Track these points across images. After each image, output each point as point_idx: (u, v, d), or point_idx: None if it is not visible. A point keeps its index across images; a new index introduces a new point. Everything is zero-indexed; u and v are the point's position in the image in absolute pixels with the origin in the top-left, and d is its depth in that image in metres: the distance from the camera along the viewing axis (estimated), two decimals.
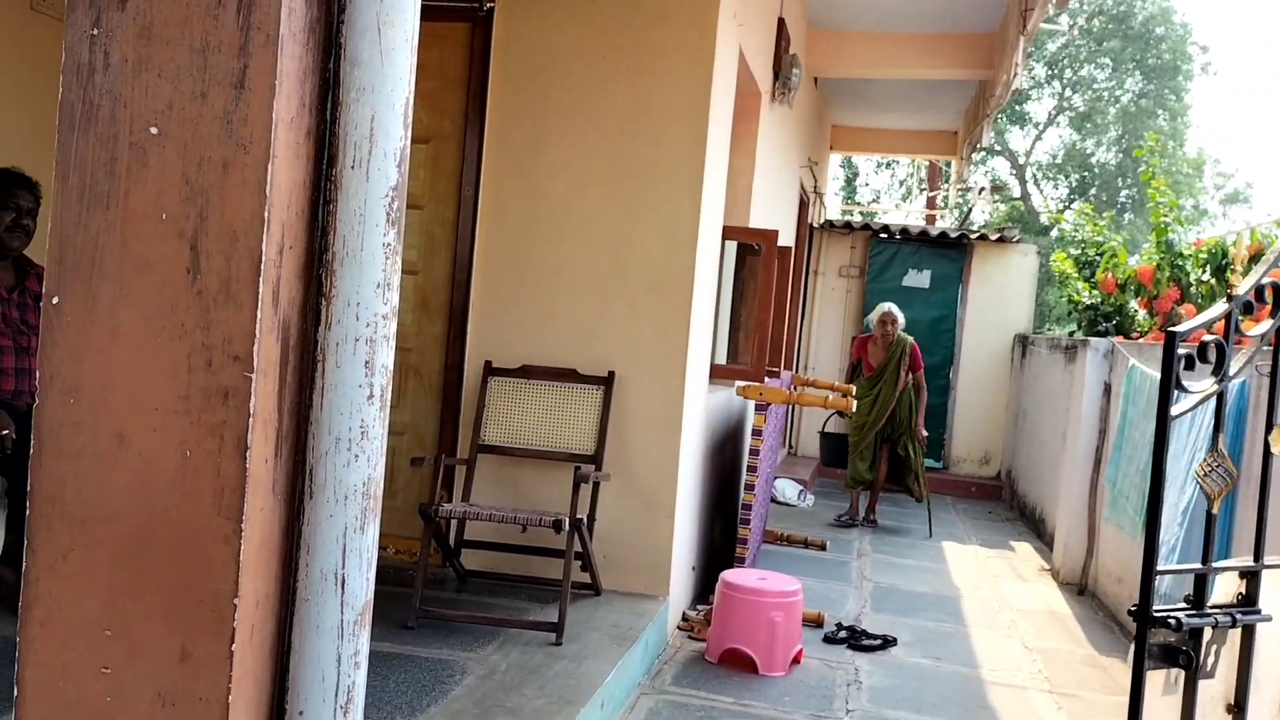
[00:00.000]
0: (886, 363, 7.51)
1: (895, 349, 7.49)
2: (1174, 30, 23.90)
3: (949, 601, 5.71)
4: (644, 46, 4.46)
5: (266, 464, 1.46)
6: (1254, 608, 2.35)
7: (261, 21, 1.41)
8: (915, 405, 7.57)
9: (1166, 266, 6.51)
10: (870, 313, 7.67)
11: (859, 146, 11.87)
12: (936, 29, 7.83)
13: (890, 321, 7.51)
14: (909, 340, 7.58)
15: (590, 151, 4.49)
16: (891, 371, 7.49)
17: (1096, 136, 25.68)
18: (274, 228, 1.43)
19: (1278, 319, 2.33)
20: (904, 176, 25.37)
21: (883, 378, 7.52)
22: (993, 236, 9.65)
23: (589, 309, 4.51)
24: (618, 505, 4.46)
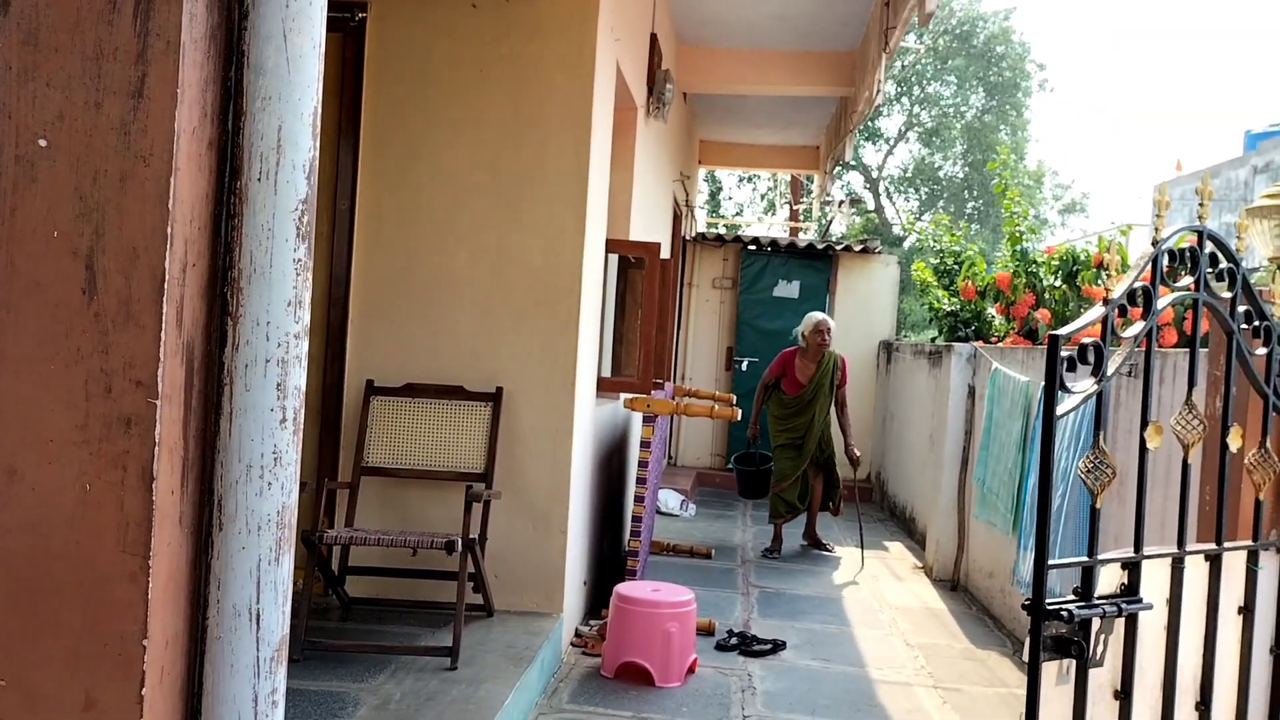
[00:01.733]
0: (819, 379, 6.89)
1: (827, 363, 6.92)
2: (1013, 49, 25.23)
3: (832, 603, 5.84)
4: (523, 58, 4.43)
5: (173, 495, 1.38)
6: (1136, 597, 2.47)
7: (161, 27, 1.33)
8: (843, 425, 7.05)
9: (1022, 274, 6.84)
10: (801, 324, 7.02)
11: (726, 161, 12.09)
12: (801, 47, 8.04)
13: (826, 331, 6.87)
14: (839, 356, 7.04)
15: (471, 163, 4.44)
16: (826, 389, 6.90)
17: (944, 151, 26.87)
18: (177, 244, 1.35)
19: (1148, 320, 2.47)
20: (764, 190, 26.01)
21: (815, 397, 6.89)
22: (856, 248, 9.96)
23: (475, 324, 4.44)
24: (509, 523, 4.40)
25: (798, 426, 6.91)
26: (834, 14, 7.26)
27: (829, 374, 6.90)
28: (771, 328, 9.80)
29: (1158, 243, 2.51)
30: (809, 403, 6.89)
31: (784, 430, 6.99)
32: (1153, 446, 2.50)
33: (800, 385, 6.91)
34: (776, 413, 7.02)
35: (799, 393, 6.90)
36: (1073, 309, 6.59)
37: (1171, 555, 2.57)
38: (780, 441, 7.01)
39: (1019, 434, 5.33)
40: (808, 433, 6.90)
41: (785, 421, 6.97)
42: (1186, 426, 2.58)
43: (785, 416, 6.97)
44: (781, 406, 7.00)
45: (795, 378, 6.93)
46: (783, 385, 7.00)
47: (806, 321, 6.92)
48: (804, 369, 6.92)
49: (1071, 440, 4.51)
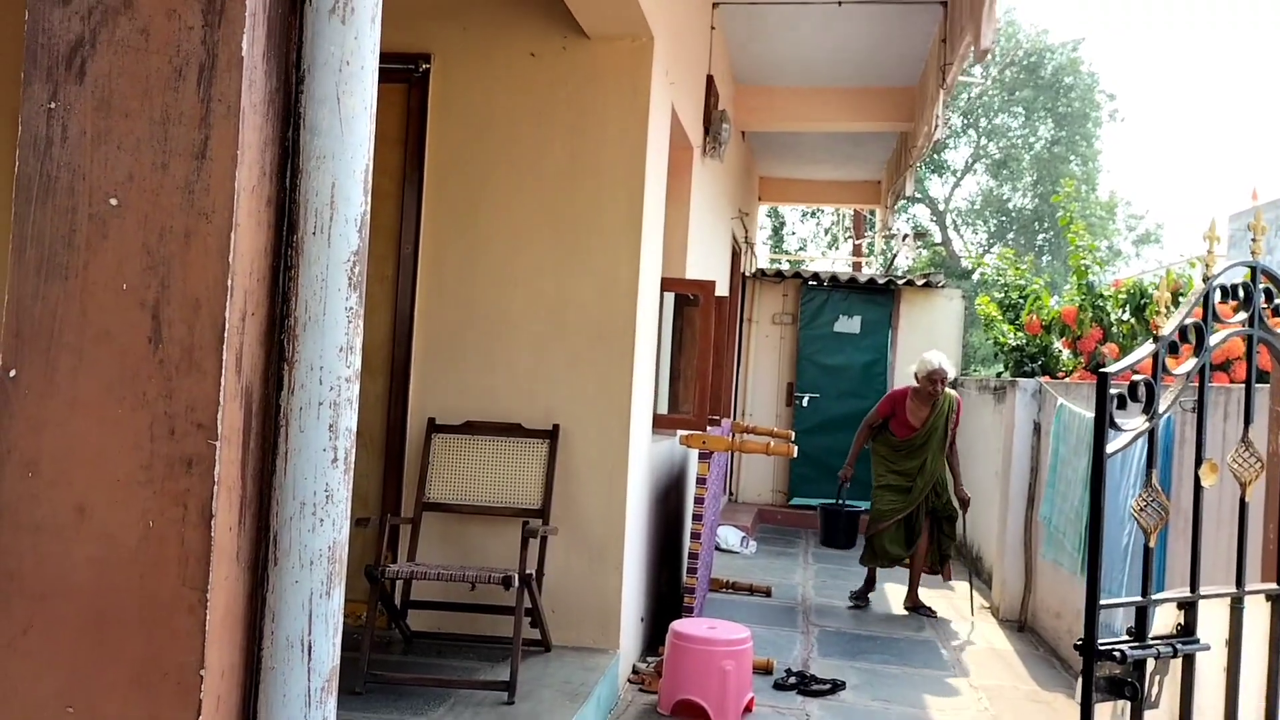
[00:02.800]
0: (933, 422, 6.40)
1: (942, 405, 6.43)
2: (1082, 79, 24.93)
3: (894, 643, 5.77)
4: (580, 105, 4.54)
5: (231, 531, 1.46)
6: (1193, 637, 2.43)
7: (223, 93, 1.43)
8: (952, 465, 6.54)
9: (1089, 307, 6.75)
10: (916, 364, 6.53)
11: (786, 197, 12.13)
12: (859, 84, 8.09)
13: (940, 380, 6.32)
14: (955, 395, 6.55)
15: (529, 208, 4.55)
16: (939, 434, 6.39)
17: (1012, 183, 26.55)
18: (236, 294, 1.44)
19: (1200, 358, 2.45)
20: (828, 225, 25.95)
21: (928, 440, 6.39)
22: (919, 282, 9.90)
23: (532, 363, 4.53)
24: (565, 559, 4.45)
25: (908, 470, 6.43)
26: (891, 51, 7.30)
27: (944, 416, 6.42)
28: (832, 363, 9.77)
29: (1209, 279, 2.50)
30: (920, 446, 6.41)
31: (891, 471, 6.52)
32: (1208, 484, 2.47)
33: (912, 428, 6.45)
34: (884, 454, 6.57)
35: (910, 435, 6.44)
36: (1140, 343, 6.47)
37: (1230, 595, 2.53)
38: (885, 482, 6.53)
39: (1085, 471, 5.24)
40: (919, 477, 6.41)
41: (893, 464, 6.51)
42: (1243, 464, 2.55)
43: (894, 459, 6.51)
44: (890, 449, 6.54)
45: (906, 419, 6.46)
46: (891, 427, 6.55)
47: (921, 364, 6.44)
48: (916, 411, 6.46)
49: (1138, 477, 4.43)
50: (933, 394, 6.34)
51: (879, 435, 6.59)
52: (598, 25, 4.43)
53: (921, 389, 6.38)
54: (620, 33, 4.49)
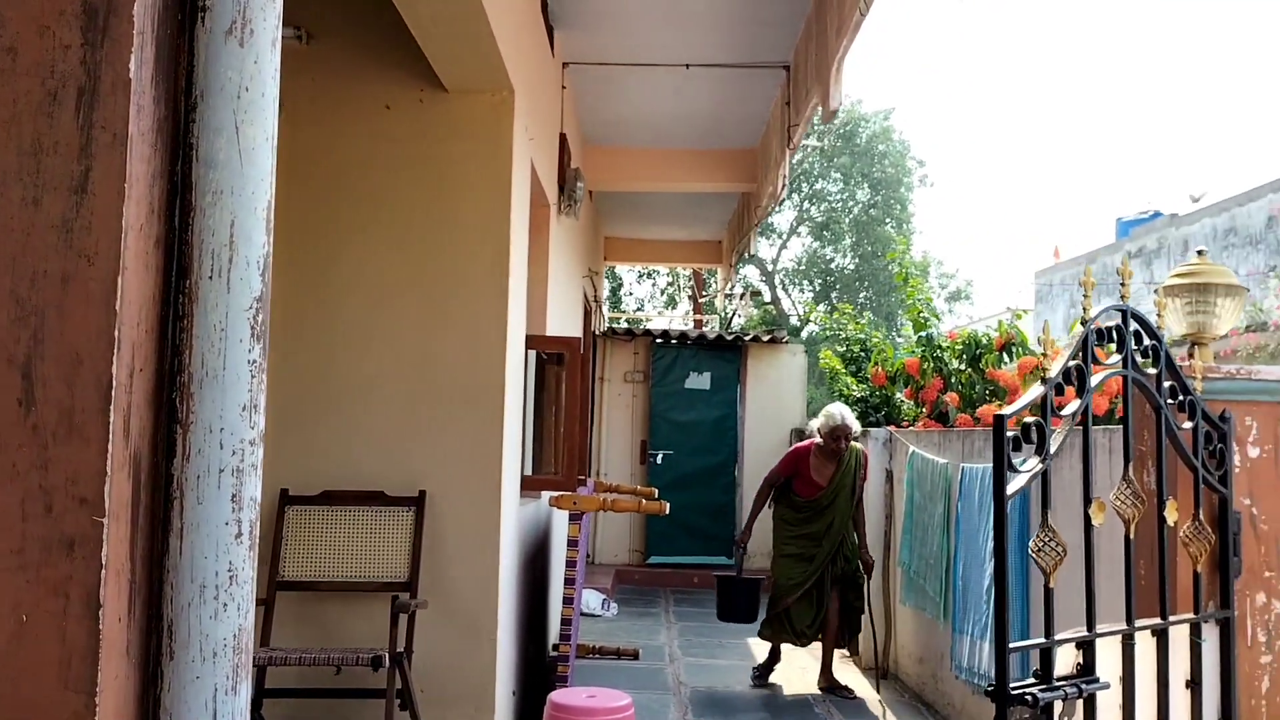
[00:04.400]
0: (839, 480, 5.94)
1: (849, 461, 5.98)
2: (894, 146, 26.41)
3: (767, 699, 5.73)
4: (440, 159, 4.42)
5: (120, 623, 1.25)
6: (1093, 676, 2.47)
7: (107, 120, 1.26)
8: (857, 525, 6.06)
9: (929, 359, 7.01)
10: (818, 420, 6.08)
11: (631, 256, 12.24)
12: (703, 145, 8.26)
13: (844, 436, 5.90)
14: (860, 449, 6.12)
15: (390, 264, 4.37)
16: (846, 493, 5.93)
17: (834, 244, 27.74)
18: (124, 348, 1.26)
19: (1083, 399, 2.52)
20: (664, 285, 26.40)
21: (835, 500, 5.92)
22: (765, 338, 10.11)
23: (395, 426, 4.31)
24: (435, 634, 4.20)
25: (814, 534, 5.93)
26: (734, 113, 7.49)
27: (851, 473, 5.96)
28: (684, 419, 9.82)
29: (1086, 322, 2.58)
30: (827, 507, 5.93)
31: (794, 538, 6.01)
32: (1098, 523, 2.53)
33: (818, 487, 5.96)
34: (787, 518, 6.09)
35: (816, 495, 5.96)
36: (978, 391, 6.76)
37: (1122, 632, 2.59)
38: (788, 551, 6.02)
39: (941, 516, 5.38)
40: (824, 540, 5.92)
41: (797, 528, 6.01)
42: (1125, 502, 2.62)
43: (798, 522, 6.01)
44: (793, 511, 6.06)
45: (811, 478, 5.99)
46: (795, 486, 6.06)
47: (825, 419, 5.97)
48: (821, 468, 5.99)
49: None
50: (838, 451, 5.93)
51: (781, 497, 6.15)
52: (458, 79, 4.33)
53: (825, 446, 5.96)
54: (481, 87, 4.40)
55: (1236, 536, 2.84)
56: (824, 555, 5.90)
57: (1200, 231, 13.51)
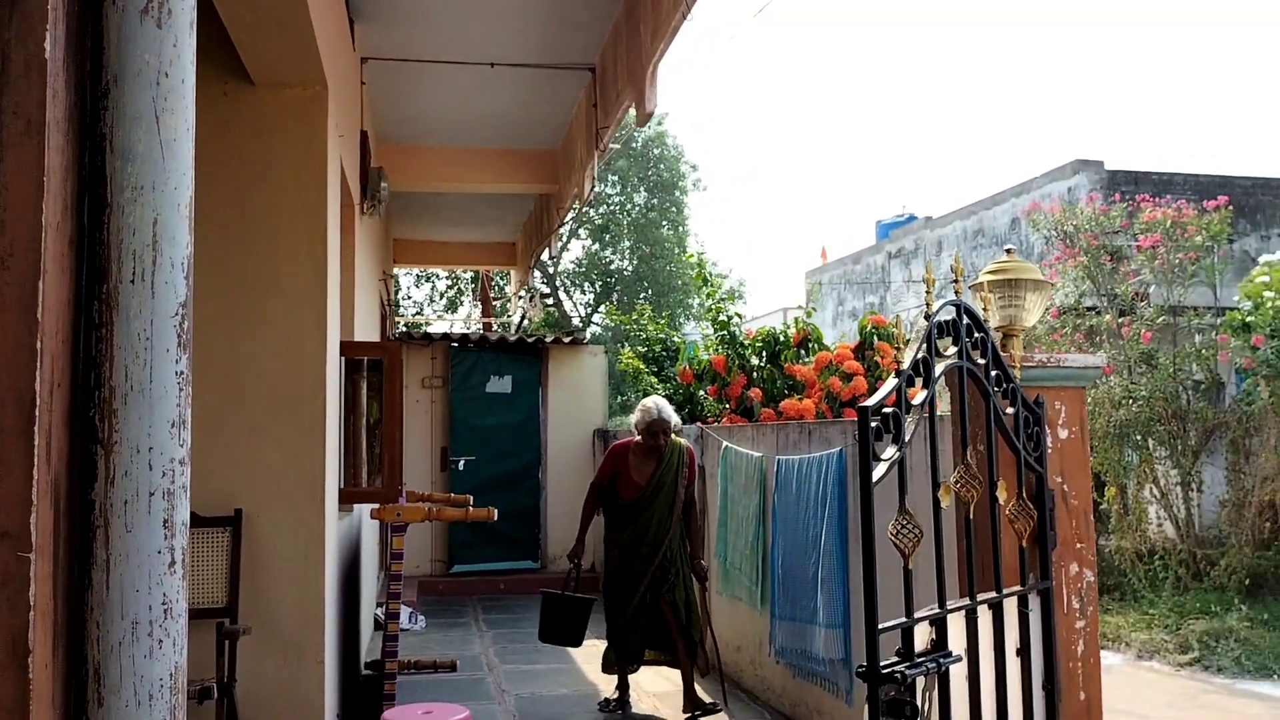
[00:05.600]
0: (659, 478, 5.37)
1: (670, 458, 5.41)
2: (669, 151, 27.12)
3: (591, 699, 5.74)
4: (248, 155, 4.16)
5: (47, 669, 1.11)
6: (946, 650, 2.63)
7: (20, 104, 1.11)
8: (690, 532, 5.45)
9: (734, 356, 7.25)
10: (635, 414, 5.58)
11: (421, 259, 11.97)
12: (502, 145, 8.18)
13: (662, 431, 5.36)
14: (684, 445, 5.55)
15: (195, 264, 4.06)
16: (667, 490, 5.36)
17: (613, 246, 28.19)
18: (45, 361, 1.12)
19: (929, 389, 2.68)
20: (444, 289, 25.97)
21: (655, 500, 5.34)
22: (565, 340, 10.14)
23: (205, 440, 3.99)
24: (258, 660, 3.95)
25: (634, 539, 5.35)
26: (537, 114, 7.47)
27: (673, 471, 5.40)
28: (486, 424, 9.69)
29: (929, 316, 2.76)
30: (647, 507, 5.35)
31: (618, 545, 5.43)
32: (945, 504, 2.70)
33: (638, 487, 5.40)
34: (612, 522, 5.53)
35: (636, 496, 5.39)
36: (780, 386, 7.06)
37: (966, 607, 2.78)
38: (612, 563, 5.45)
39: (756, 508, 5.58)
40: (640, 544, 5.31)
41: (618, 534, 5.44)
42: (965, 484, 2.82)
43: (620, 526, 5.44)
44: (617, 515, 5.48)
45: (631, 478, 5.44)
46: (617, 488, 5.49)
47: (641, 413, 5.47)
48: (641, 467, 5.44)
49: (816, 508, 4.79)
50: (657, 447, 5.39)
51: (605, 501, 5.57)
52: (268, 72, 4.09)
53: (644, 442, 5.41)
54: (291, 80, 4.18)
55: (1052, 512, 3.11)
56: (644, 562, 5.29)
57: (952, 233, 14.66)
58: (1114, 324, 8.70)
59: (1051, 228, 9.86)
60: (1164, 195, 9.83)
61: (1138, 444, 8.41)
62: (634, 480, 5.45)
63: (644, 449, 5.46)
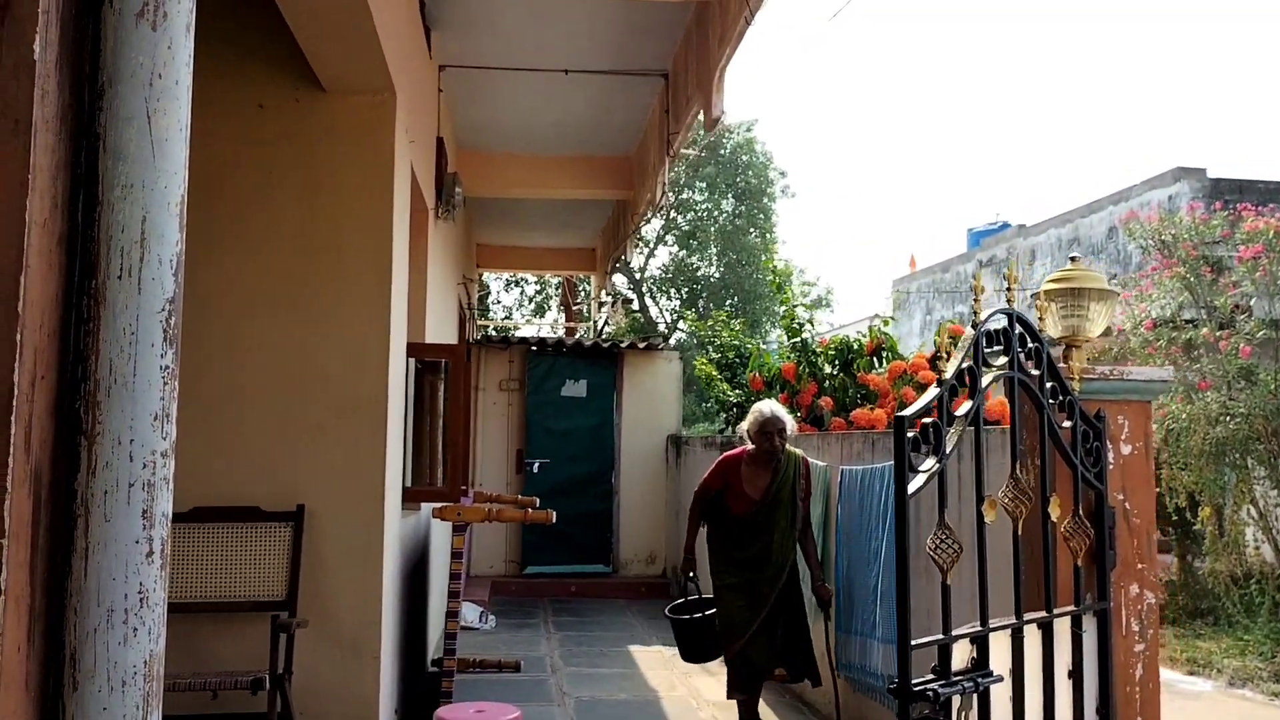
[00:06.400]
0: (775, 491, 4.90)
1: (786, 470, 4.93)
2: (757, 158, 27.00)
3: (650, 705, 5.73)
4: (316, 162, 4.27)
5: (19, 653, 1.14)
6: (987, 670, 2.55)
7: (8, 105, 1.15)
8: (806, 551, 5.02)
9: (805, 364, 7.16)
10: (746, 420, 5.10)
11: (503, 264, 12.12)
12: (579, 152, 8.24)
13: (778, 432, 4.88)
14: (800, 454, 5.06)
15: (263, 269, 4.19)
16: (786, 505, 4.89)
17: (700, 253, 28.16)
18: (26, 354, 1.15)
19: (975, 400, 2.60)
20: (532, 293, 26.28)
21: (773, 517, 4.87)
22: (640, 345, 10.15)
23: (271, 439, 4.13)
24: (316, 654, 4.05)
25: (751, 560, 4.89)
26: (611, 121, 7.50)
27: (790, 483, 4.92)
28: (561, 428, 9.76)
29: (977, 325, 2.67)
30: (764, 526, 4.89)
31: (730, 565, 4.98)
32: (990, 520, 2.62)
33: (751, 501, 4.93)
34: (720, 540, 5.07)
35: (749, 511, 4.92)
36: (851, 395, 6.94)
37: (1012, 626, 2.68)
38: (726, 581, 4.96)
39: (819, 519, 5.49)
40: (765, 566, 4.86)
41: (731, 552, 4.99)
42: (1014, 499, 2.72)
43: (732, 545, 4.99)
44: (725, 533, 5.03)
45: (742, 491, 4.96)
46: (726, 501, 5.01)
47: (752, 417, 4.99)
48: (754, 479, 4.95)
49: (878, 520, 4.69)
50: (771, 453, 4.90)
51: (712, 516, 5.12)
52: (339, 78, 4.19)
53: (757, 449, 4.94)
54: (362, 87, 4.28)
55: (1111, 530, 2.99)
56: (766, 585, 4.85)
57: (1046, 242, 14.25)
58: (1212, 337, 8.34)
59: (1149, 237, 9.49)
60: (1268, 204, 9.39)
61: (1235, 463, 8.03)
62: (746, 493, 4.94)
63: (757, 459, 4.96)
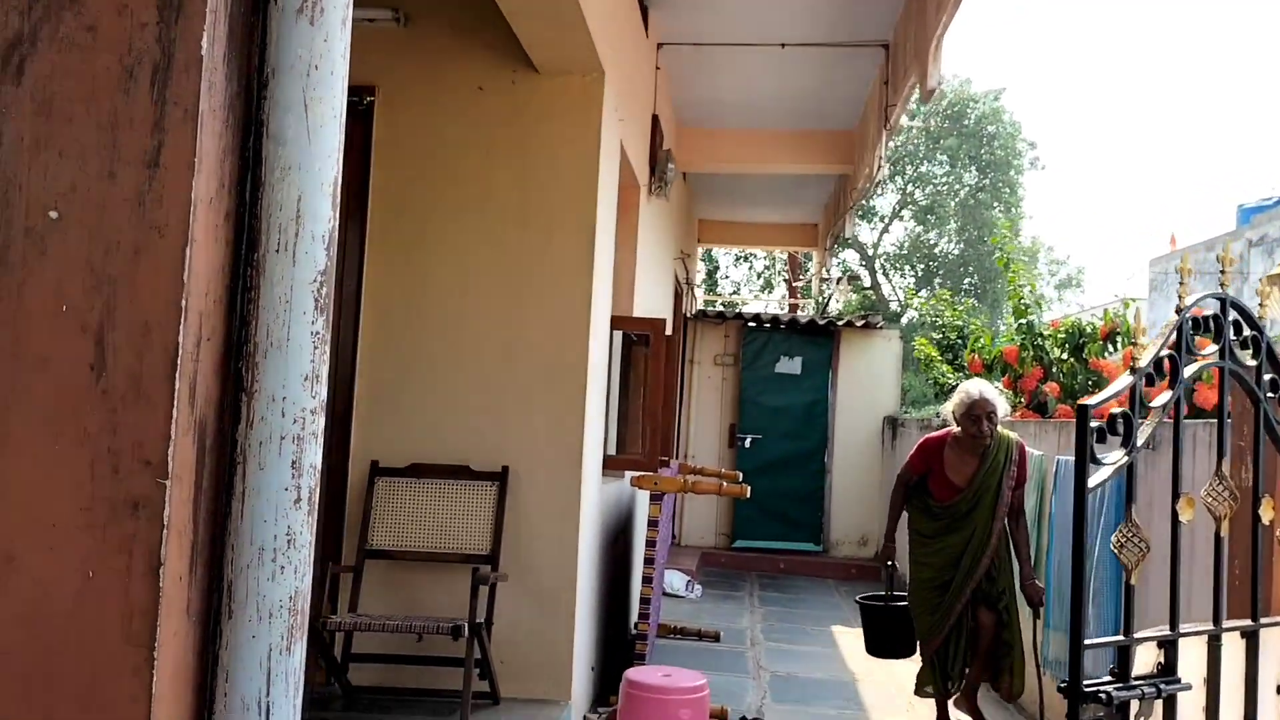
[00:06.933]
0: (982, 478, 4.63)
1: (996, 454, 4.65)
2: (1004, 128, 25.66)
3: (847, 687, 5.67)
4: (529, 140, 4.45)
5: (180, 581, 1.30)
6: (1174, 676, 2.38)
7: (179, 96, 1.30)
8: (1017, 544, 4.68)
9: (1029, 346, 6.81)
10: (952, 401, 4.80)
11: (725, 239, 12.17)
12: (800, 126, 8.14)
13: (986, 416, 4.59)
14: (1014, 439, 4.73)
15: (477, 244, 4.43)
16: (992, 494, 4.62)
17: (938, 228, 27.13)
18: (191, 318, 1.30)
19: (1175, 390, 2.42)
20: (761, 269, 26.20)
21: (977, 505, 4.62)
22: (858, 323, 9.96)
23: (480, 403, 4.38)
24: (515, 606, 4.27)
25: (949, 551, 4.65)
26: (834, 94, 7.36)
27: (999, 471, 4.63)
28: (774, 404, 9.75)
29: (1181, 310, 2.47)
30: (967, 514, 4.63)
31: (928, 556, 4.74)
32: (1185, 519, 2.43)
33: (955, 488, 4.68)
34: (921, 528, 4.82)
35: (953, 499, 4.67)
36: (1080, 382, 6.55)
37: (1208, 633, 2.48)
38: (922, 575, 4.74)
39: (1034, 510, 5.23)
40: (962, 557, 4.61)
41: (931, 542, 4.73)
42: (1217, 498, 2.51)
43: (932, 534, 4.74)
44: (928, 519, 4.77)
45: (946, 476, 4.71)
46: (929, 487, 4.77)
47: (958, 398, 4.71)
48: (959, 464, 4.70)
49: (1096, 515, 4.42)
50: (979, 438, 4.61)
51: (914, 501, 4.87)
52: (549, 60, 4.35)
53: (964, 432, 4.66)
54: (571, 68, 4.42)
55: None
56: (962, 579, 4.62)
57: None
58: None
59: None
60: None
61: None
62: (950, 480, 4.71)
63: (964, 443, 4.68)
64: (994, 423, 4.64)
